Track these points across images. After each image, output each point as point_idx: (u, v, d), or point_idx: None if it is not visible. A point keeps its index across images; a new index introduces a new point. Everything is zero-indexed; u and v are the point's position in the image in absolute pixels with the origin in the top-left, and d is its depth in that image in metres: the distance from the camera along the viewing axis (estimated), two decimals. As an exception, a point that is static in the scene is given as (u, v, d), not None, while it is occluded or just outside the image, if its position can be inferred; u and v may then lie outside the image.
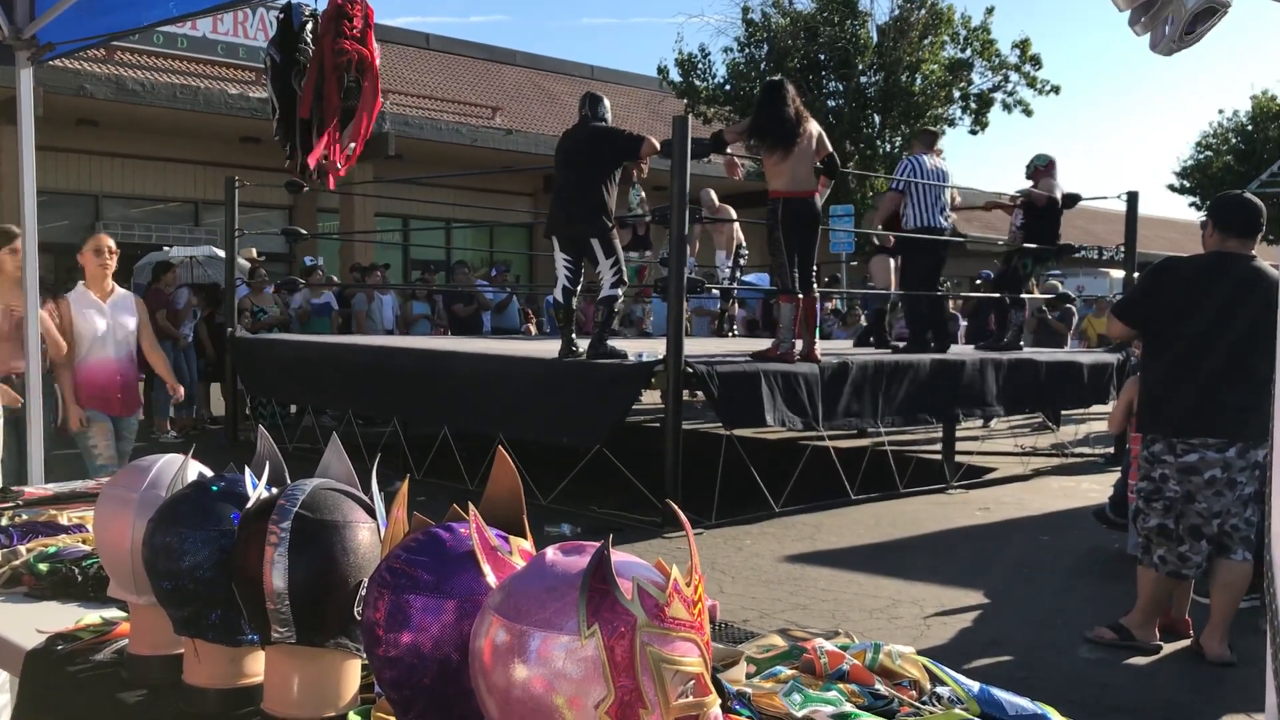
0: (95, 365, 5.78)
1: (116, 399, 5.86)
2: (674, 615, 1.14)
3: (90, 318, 5.77)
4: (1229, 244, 4.58)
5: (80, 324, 5.72)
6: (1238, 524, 4.54)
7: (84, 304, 5.78)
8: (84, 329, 5.73)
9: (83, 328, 5.73)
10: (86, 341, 5.75)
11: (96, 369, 5.79)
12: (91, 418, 5.76)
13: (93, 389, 5.75)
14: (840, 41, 19.90)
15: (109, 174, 19.64)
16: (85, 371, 5.75)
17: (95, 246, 5.85)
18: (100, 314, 5.81)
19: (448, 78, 24.36)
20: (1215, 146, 29.78)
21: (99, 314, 5.81)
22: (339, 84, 3.40)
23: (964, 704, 1.59)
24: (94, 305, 5.82)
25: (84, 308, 5.77)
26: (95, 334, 5.76)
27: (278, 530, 1.50)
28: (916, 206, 9.13)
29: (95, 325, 5.77)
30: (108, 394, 5.83)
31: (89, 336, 5.74)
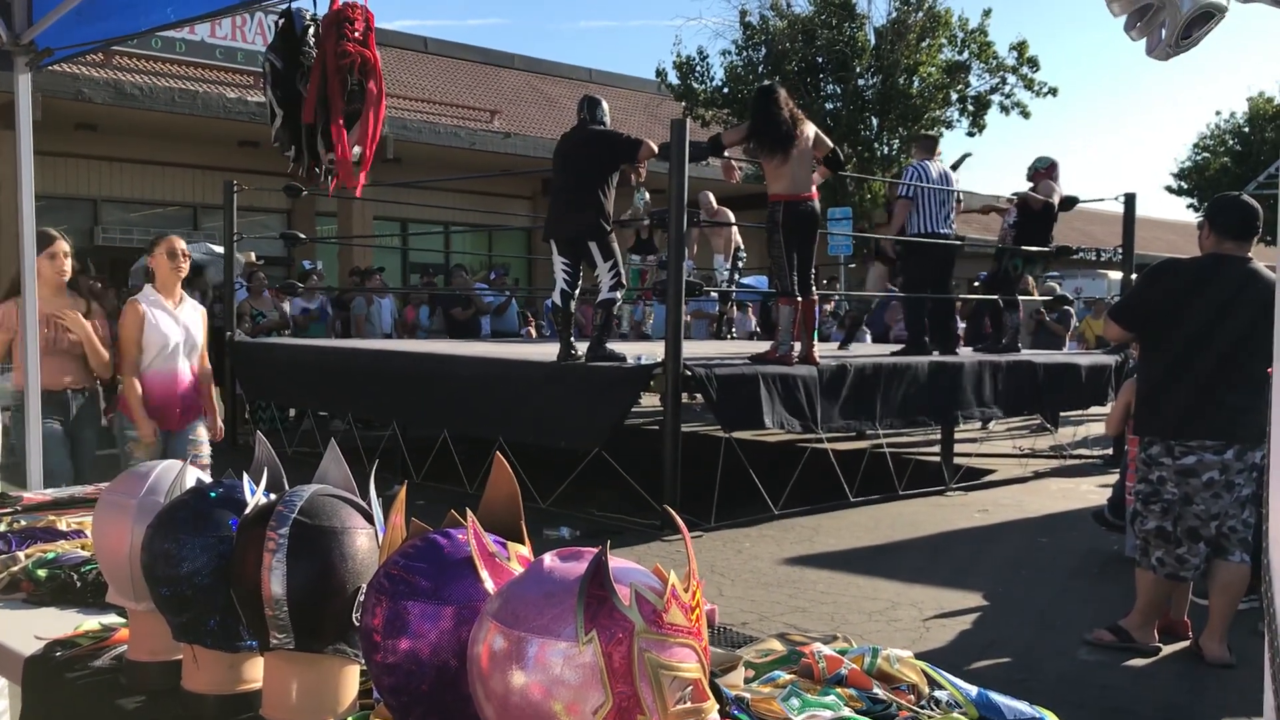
0: (160, 376, 5.33)
1: (176, 413, 5.41)
2: (672, 621, 1.14)
3: (161, 325, 5.32)
4: (1226, 246, 4.58)
5: (149, 331, 5.27)
6: (1235, 526, 4.54)
7: (156, 309, 5.35)
8: (152, 337, 5.28)
9: (151, 335, 5.28)
10: (154, 350, 5.29)
11: (161, 380, 5.33)
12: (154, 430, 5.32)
13: (155, 400, 5.31)
14: (838, 44, 19.91)
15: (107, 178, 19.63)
16: (150, 380, 5.31)
17: (168, 249, 5.36)
18: (172, 321, 5.37)
19: (446, 81, 24.37)
20: (1212, 148, 29.82)
21: (170, 321, 5.37)
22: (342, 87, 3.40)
23: (962, 708, 1.59)
24: (165, 311, 5.37)
25: (156, 313, 5.34)
26: (165, 343, 5.31)
27: (276, 536, 1.50)
28: (921, 213, 9.15)
29: (165, 333, 5.32)
30: (168, 407, 5.38)
31: (157, 345, 5.29)
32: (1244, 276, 4.49)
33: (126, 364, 5.24)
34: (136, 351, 5.24)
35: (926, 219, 9.13)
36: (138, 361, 5.25)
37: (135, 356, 5.24)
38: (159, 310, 5.32)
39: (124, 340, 5.24)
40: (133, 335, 5.24)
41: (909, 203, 9.32)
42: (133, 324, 5.26)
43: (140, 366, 5.26)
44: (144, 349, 5.25)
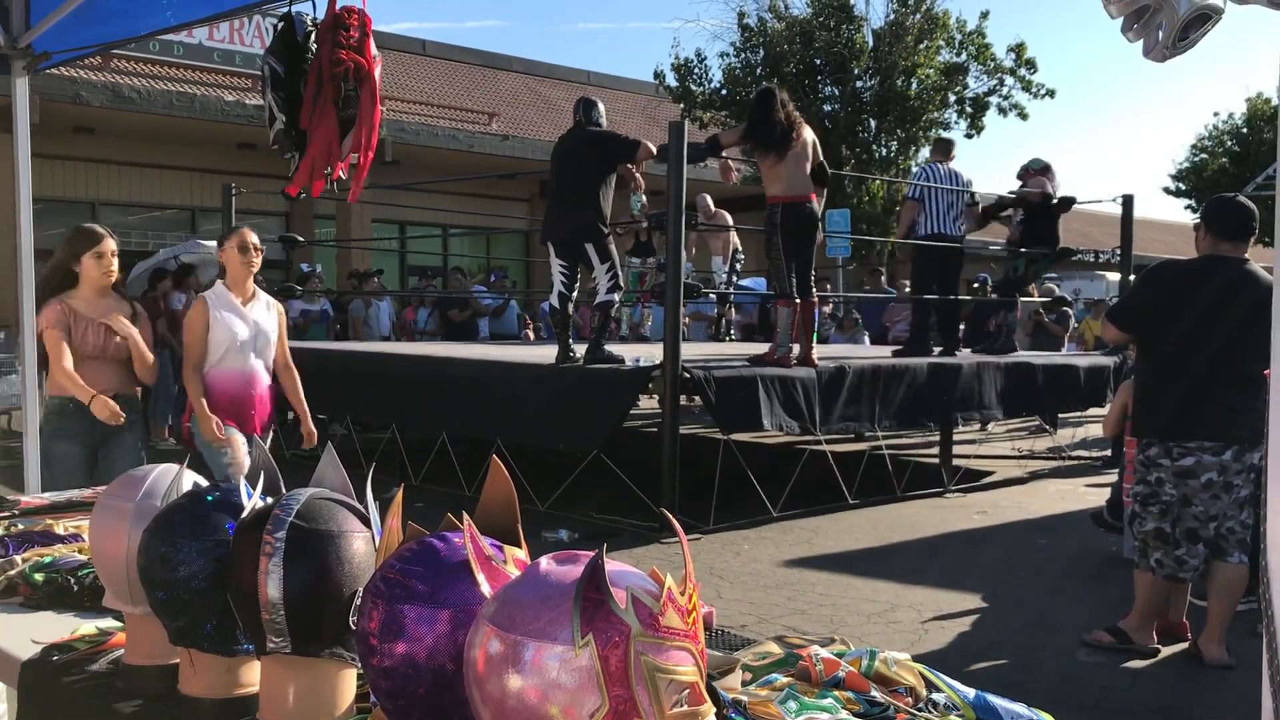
0: (229, 374, 5.09)
1: (251, 414, 5.15)
2: (668, 624, 1.14)
3: (229, 321, 5.06)
4: (1222, 247, 4.58)
5: (216, 329, 5.02)
6: (1234, 527, 4.54)
7: (222, 306, 5.09)
8: (220, 334, 5.03)
9: (219, 332, 5.03)
10: (222, 348, 5.05)
11: (230, 379, 5.09)
12: (226, 434, 5.06)
13: (223, 401, 5.06)
14: (836, 46, 19.92)
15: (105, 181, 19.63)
16: (213, 382, 5.06)
17: (240, 242, 5.10)
18: (240, 318, 5.11)
19: (444, 84, 24.37)
20: (1210, 149, 29.86)
21: (239, 318, 5.10)
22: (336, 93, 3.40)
23: (959, 710, 1.59)
24: (233, 308, 5.11)
25: (222, 310, 5.07)
26: (233, 340, 5.05)
27: (272, 540, 1.50)
28: (927, 213, 9.17)
29: (234, 330, 5.06)
30: (241, 408, 5.12)
31: (225, 342, 5.04)
32: (1241, 277, 4.50)
33: (190, 363, 5.04)
34: (200, 350, 5.03)
35: (934, 220, 9.15)
36: (201, 361, 5.04)
37: (199, 356, 5.04)
38: (225, 307, 5.08)
39: (188, 339, 5.04)
40: (197, 333, 5.02)
41: (916, 204, 9.34)
42: (198, 322, 5.04)
43: (205, 365, 5.05)
44: (209, 347, 5.03)
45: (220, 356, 5.05)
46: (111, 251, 4.75)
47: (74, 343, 4.59)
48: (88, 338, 4.64)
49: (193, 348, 5.04)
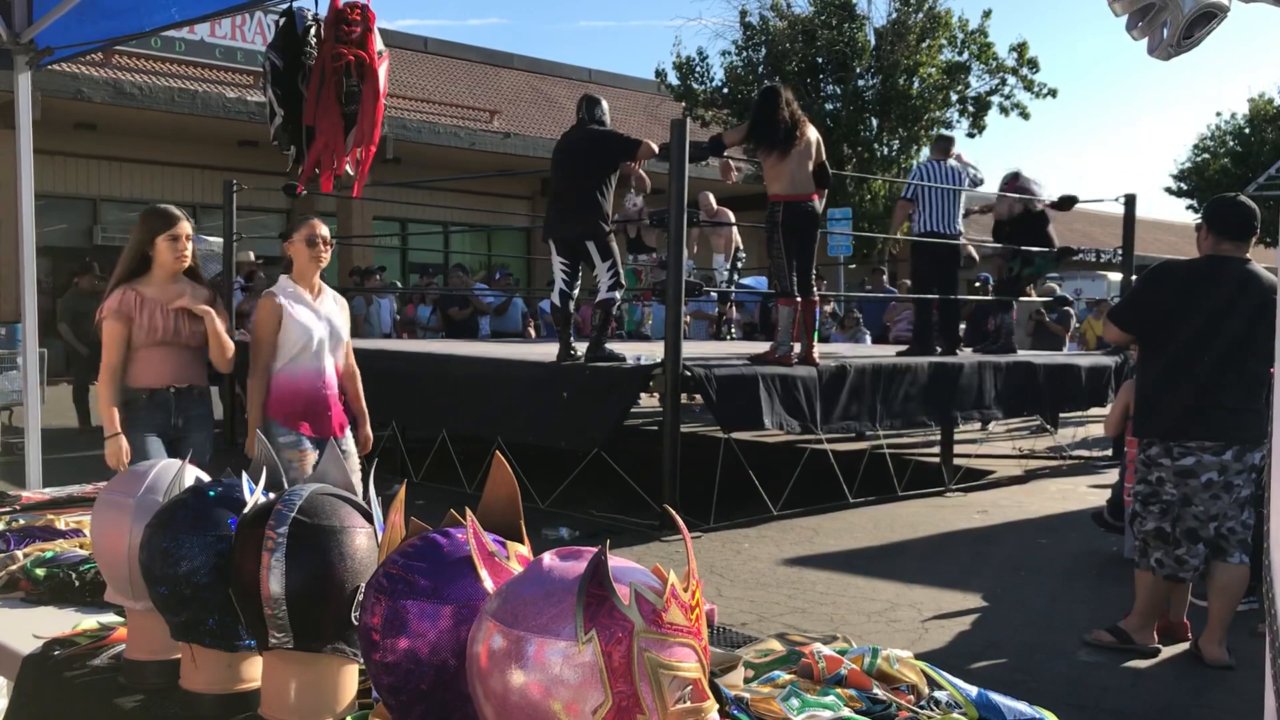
0: (300, 375, 4.65)
1: (328, 416, 4.74)
2: (671, 621, 1.14)
3: (302, 318, 4.64)
4: (1224, 247, 4.58)
5: (289, 326, 4.60)
6: (1235, 527, 4.54)
7: (294, 301, 4.68)
8: (294, 332, 4.60)
9: (292, 330, 4.60)
10: (293, 347, 4.63)
11: (302, 380, 4.66)
12: (293, 443, 4.63)
13: (296, 404, 4.63)
14: (838, 45, 19.92)
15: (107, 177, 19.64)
16: (287, 382, 4.62)
17: (308, 235, 4.66)
18: (312, 315, 4.69)
19: (445, 81, 24.38)
20: (1213, 149, 29.84)
21: (311, 314, 4.68)
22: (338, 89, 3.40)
23: (962, 708, 1.59)
24: (305, 304, 4.69)
25: (294, 306, 4.66)
26: (308, 338, 4.64)
27: (275, 535, 1.50)
28: (924, 212, 9.17)
29: (308, 328, 4.64)
30: (317, 411, 4.71)
31: (297, 341, 4.62)
32: (1243, 277, 4.49)
33: (259, 363, 4.59)
34: (271, 350, 4.59)
35: (931, 218, 9.14)
36: (271, 361, 4.60)
37: (269, 355, 4.59)
38: (298, 303, 4.66)
39: (259, 337, 4.61)
40: (269, 331, 4.57)
41: (907, 203, 9.34)
42: (269, 319, 4.59)
43: (275, 366, 4.62)
44: (280, 346, 4.61)
45: (293, 356, 4.64)
46: (186, 235, 4.39)
47: (140, 329, 4.28)
48: (156, 323, 4.31)
49: (263, 347, 4.60)
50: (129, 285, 4.33)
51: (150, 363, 4.33)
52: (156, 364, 4.35)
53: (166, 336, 4.34)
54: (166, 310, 4.33)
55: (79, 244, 18.83)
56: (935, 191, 9.12)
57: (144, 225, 4.38)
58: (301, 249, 4.68)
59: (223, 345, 4.49)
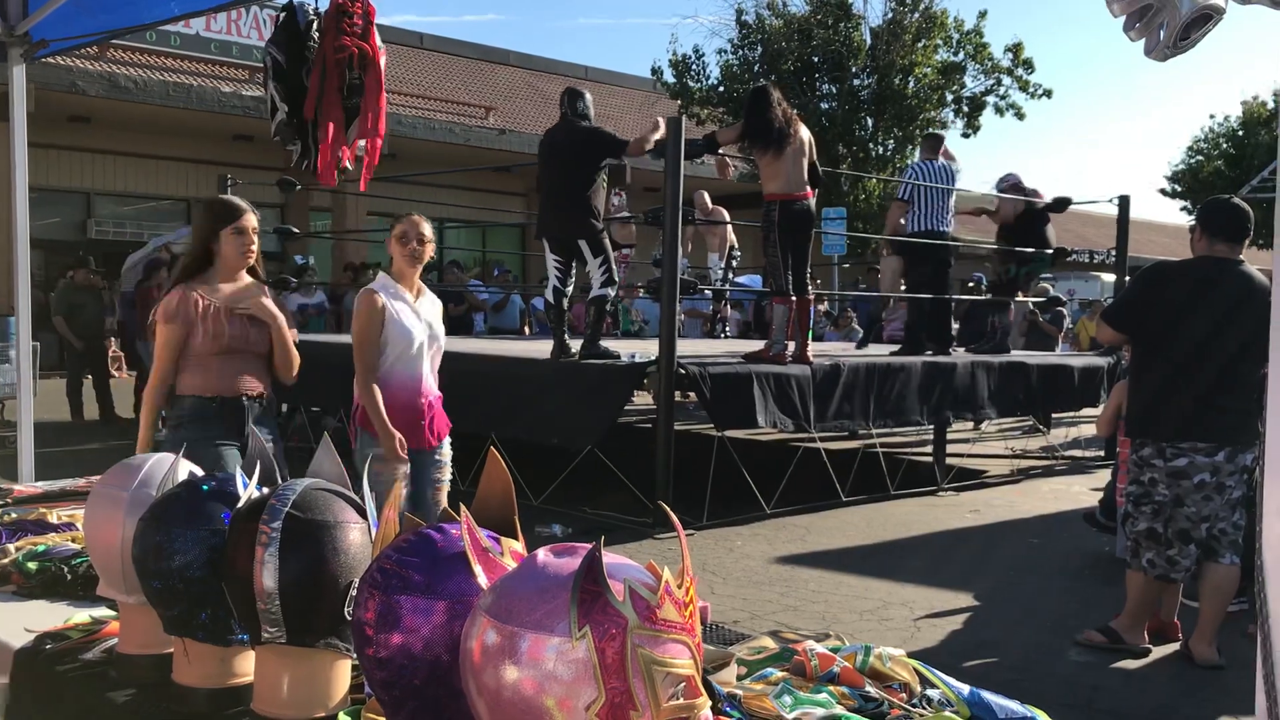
0: (398, 382, 4.35)
1: (422, 425, 4.46)
2: (665, 617, 1.14)
3: (403, 319, 4.33)
4: (1218, 248, 4.59)
5: (390, 328, 4.28)
6: (1226, 528, 4.56)
7: (396, 301, 4.36)
8: (393, 334, 4.29)
9: (393, 332, 4.29)
10: (393, 351, 4.31)
11: (403, 387, 4.36)
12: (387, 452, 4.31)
13: (395, 413, 4.32)
14: (834, 44, 19.93)
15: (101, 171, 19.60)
16: (390, 387, 4.33)
17: (401, 231, 4.37)
18: (414, 316, 4.39)
19: (441, 77, 24.35)
20: (1206, 151, 29.93)
21: (412, 316, 4.38)
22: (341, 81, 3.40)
23: (954, 706, 1.60)
24: (405, 304, 4.37)
25: (396, 306, 4.35)
26: (408, 341, 4.33)
27: (268, 530, 1.50)
28: (917, 211, 9.18)
29: (409, 330, 4.33)
30: (416, 420, 4.42)
31: (398, 345, 4.30)
32: (1235, 279, 4.50)
33: (365, 367, 4.27)
34: (376, 352, 4.28)
35: (924, 217, 9.16)
36: (376, 365, 4.29)
37: (374, 358, 4.28)
38: (399, 302, 4.34)
39: (362, 338, 4.26)
40: (372, 332, 4.26)
41: (903, 204, 9.36)
42: (371, 319, 4.27)
43: (380, 369, 4.31)
44: (383, 347, 4.29)
45: (392, 361, 4.33)
46: (253, 228, 3.96)
47: (204, 335, 3.84)
48: (222, 328, 3.87)
49: (366, 349, 4.26)
50: (189, 285, 3.88)
51: (219, 370, 3.90)
52: (227, 375, 3.91)
53: (238, 343, 3.90)
54: (239, 314, 3.90)
55: (73, 237, 18.78)
56: (929, 191, 9.13)
57: (206, 217, 3.98)
58: (397, 248, 4.38)
59: (289, 354, 4.06)
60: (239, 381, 3.92)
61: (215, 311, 3.85)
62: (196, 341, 3.83)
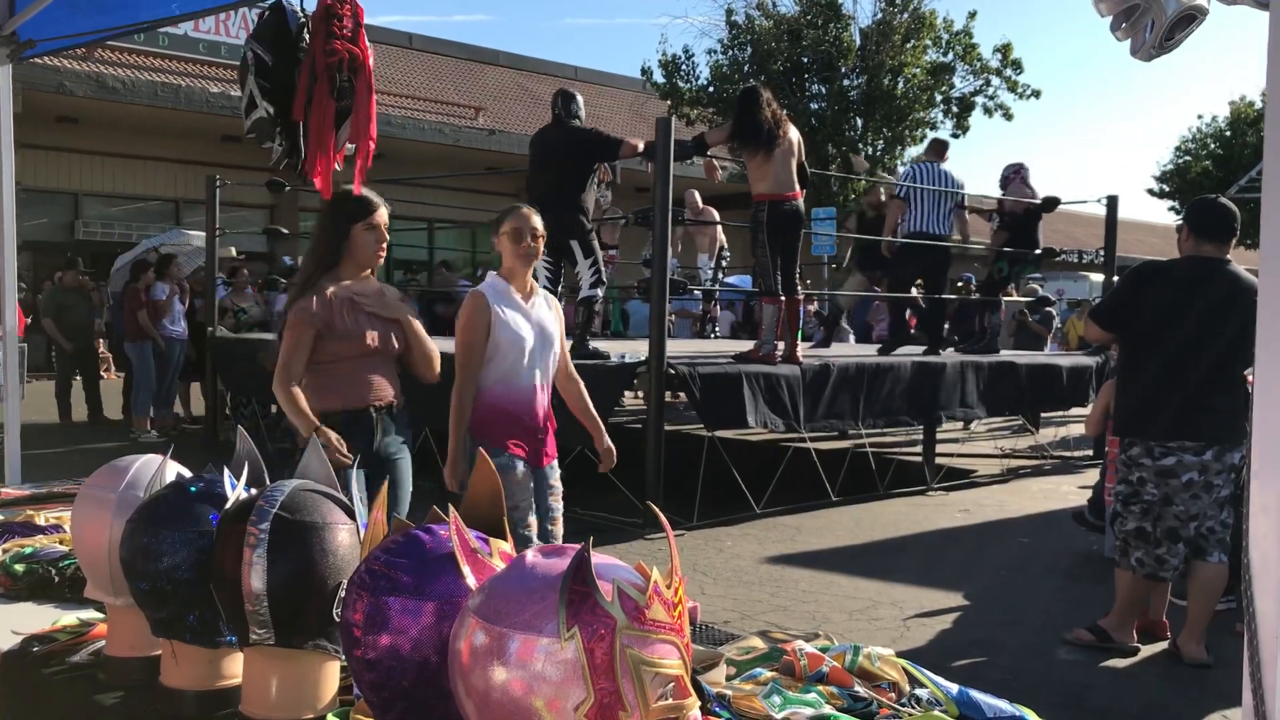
0: (508, 390, 3.94)
1: (538, 437, 4.05)
2: (654, 618, 1.14)
3: (513, 323, 3.93)
4: (1204, 248, 4.61)
5: (500, 332, 3.89)
6: (1214, 526, 4.57)
7: (504, 302, 3.95)
8: (502, 339, 3.89)
9: (503, 336, 3.89)
10: (503, 357, 3.91)
11: (509, 396, 3.94)
12: (505, 465, 3.86)
13: (503, 423, 3.93)
14: (823, 44, 19.96)
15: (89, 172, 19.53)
16: (493, 398, 3.93)
17: (513, 228, 3.98)
18: (523, 319, 3.98)
19: (430, 78, 24.33)
20: (1194, 151, 30.05)
21: (521, 318, 3.97)
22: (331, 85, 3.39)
23: (942, 706, 1.60)
24: (516, 306, 3.98)
25: (504, 308, 3.94)
26: (517, 347, 3.92)
27: (256, 531, 1.50)
28: (914, 211, 9.21)
29: (518, 335, 3.92)
30: (528, 433, 4.00)
31: (508, 350, 3.90)
32: (1223, 279, 4.52)
33: (467, 375, 3.89)
34: (480, 358, 3.89)
35: (918, 219, 9.19)
36: (478, 372, 3.91)
37: (477, 365, 3.89)
38: (507, 304, 3.95)
39: (466, 342, 3.88)
40: (477, 336, 3.87)
41: (900, 203, 9.39)
42: (477, 321, 3.88)
43: (489, 377, 3.92)
44: (491, 353, 3.90)
45: (501, 367, 3.93)
46: (385, 223, 3.73)
47: (343, 339, 3.54)
48: (361, 329, 3.56)
49: (472, 354, 3.87)
50: (323, 286, 3.56)
51: (350, 378, 3.59)
52: (360, 379, 3.61)
53: (378, 345, 3.60)
54: (369, 315, 3.60)
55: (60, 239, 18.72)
56: (926, 192, 9.16)
57: (335, 212, 3.69)
58: (508, 245, 3.99)
59: (428, 352, 3.77)
60: (370, 389, 3.62)
61: (354, 313, 3.56)
62: (329, 348, 3.52)
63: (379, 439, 3.67)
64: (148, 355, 11.03)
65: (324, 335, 3.49)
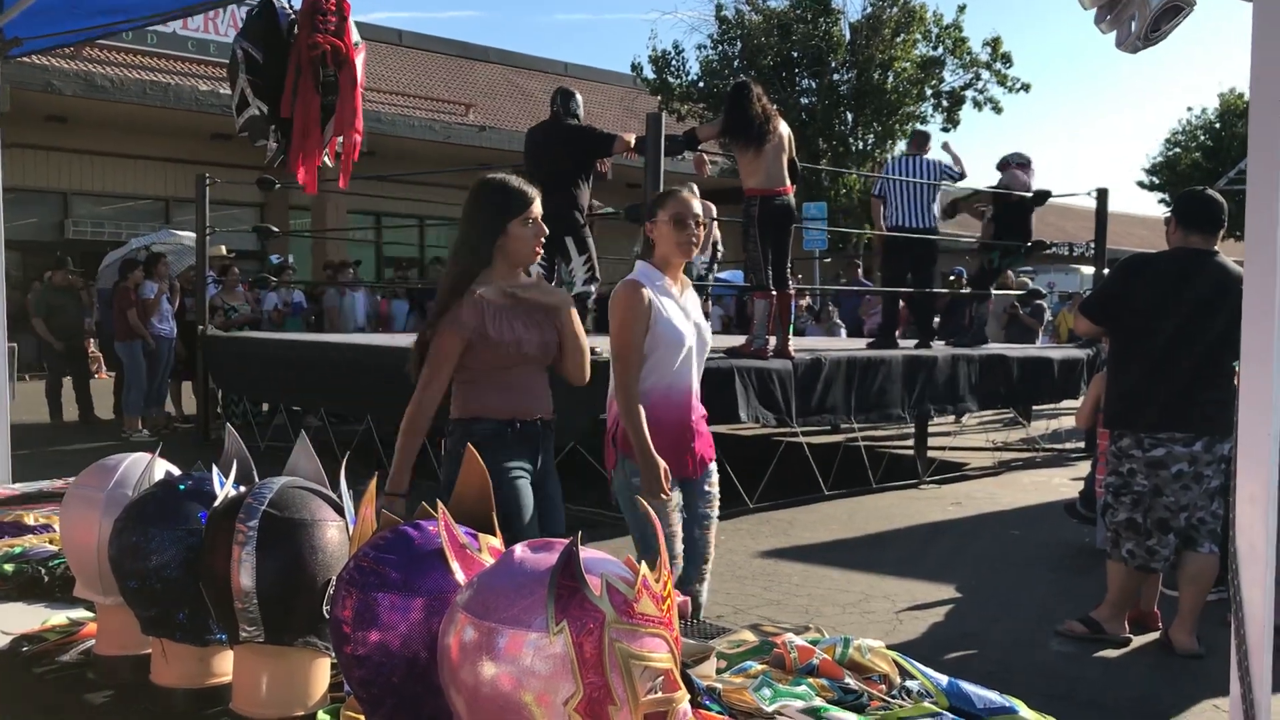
0: (664, 395, 3.55)
1: (691, 448, 3.64)
2: (643, 611, 1.14)
3: (672, 318, 3.53)
4: (1192, 240, 4.62)
5: (660, 329, 3.48)
6: (1204, 517, 4.59)
7: (662, 295, 3.56)
8: (661, 337, 3.49)
9: (661, 335, 3.49)
10: (663, 357, 3.52)
11: (665, 402, 3.55)
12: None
13: (663, 435, 3.51)
14: (813, 39, 19.97)
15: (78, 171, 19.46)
16: (656, 405, 3.52)
17: (676, 213, 3.54)
18: (681, 314, 3.59)
19: (420, 74, 24.28)
20: (1184, 144, 30.12)
21: (681, 315, 3.58)
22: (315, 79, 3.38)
23: (933, 697, 1.60)
24: (673, 300, 3.59)
25: (661, 301, 3.54)
26: (677, 347, 3.53)
27: (245, 529, 1.49)
28: (893, 206, 9.21)
29: (679, 333, 3.53)
30: (682, 442, 3.60)
31: (667, 350, 3.51)
32: (1211, 270, 4.53)
33: (628, 374, 3.46)
34: (640, 359, 3.47)
35: (897, 213, 9.19)
36: (639, 372, 3.49)
37: (639, 366, 3.47)
38: (665, 298, 3.55)
39: (625, 339, 3.46)
40: (636, 334, 3.45)
41: (878, 200, 9.41)
42: (635, 317, 3.46)
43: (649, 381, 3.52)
44: (649, 351, 3.50)
45: (659, 369, 3.54)
46: (539, 214, 3.25)
47: (500, 347, 3.17)
48: (519, 335, 3.20)
49: (633, 352, 3.46)
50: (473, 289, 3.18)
51: (519, 386, 3.27)
52: (518, 388, 3.28)
53: (538, 351, 3.26)
54: (525, 319, 3.22)
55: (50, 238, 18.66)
56: (904, 186, 9.15)
57: (485, 203, 3.23)
58: (667, 231, 3.55)
59: (582, 348, 3.36)
60: (530, 400, 3.29)
61: (510, 317, 3.18)
62: (487, 354, 3.16)
63: (539, 454, 3.34)
64: (138, 354, 11.00)
65: (475, 343, 3.13)
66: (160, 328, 11.34)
